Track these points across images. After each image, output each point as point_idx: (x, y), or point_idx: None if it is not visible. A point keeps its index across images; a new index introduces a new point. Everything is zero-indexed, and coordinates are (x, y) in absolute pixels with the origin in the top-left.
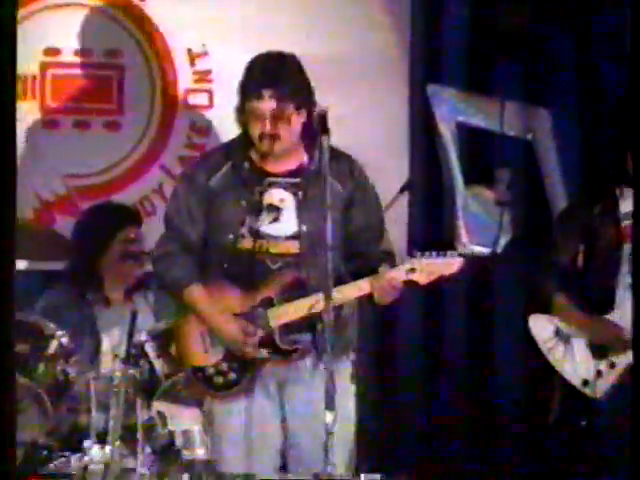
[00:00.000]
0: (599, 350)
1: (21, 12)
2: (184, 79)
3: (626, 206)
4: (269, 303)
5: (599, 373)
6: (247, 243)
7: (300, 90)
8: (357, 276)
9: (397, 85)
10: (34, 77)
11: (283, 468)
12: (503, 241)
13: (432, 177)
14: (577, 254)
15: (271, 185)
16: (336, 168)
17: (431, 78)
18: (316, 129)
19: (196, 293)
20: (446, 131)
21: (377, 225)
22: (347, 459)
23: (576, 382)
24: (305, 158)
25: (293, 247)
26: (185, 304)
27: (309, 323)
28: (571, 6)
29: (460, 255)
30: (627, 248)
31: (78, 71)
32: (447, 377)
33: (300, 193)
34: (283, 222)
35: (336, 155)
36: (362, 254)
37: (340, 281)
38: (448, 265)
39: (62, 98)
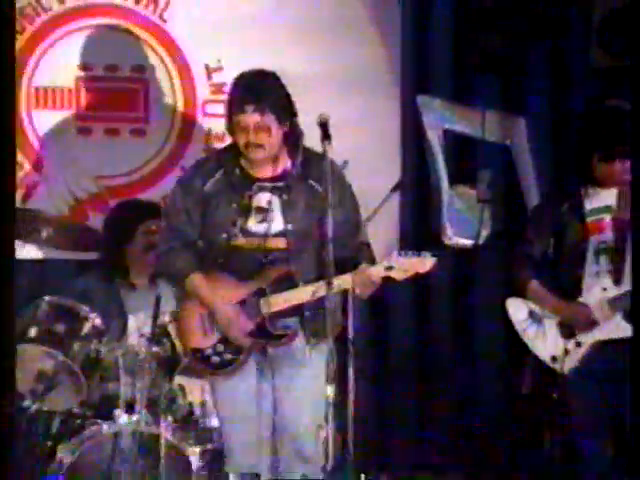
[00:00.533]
0: (567, 331)
1: (57, 32)
2: (202, 91)
3: (590, 204)
4: (262, 293)
5: (566, 351)
6: (239, 241)
7: (280, 103)
8: (338, 264)
9: (390, 96)
10: (70, 90)
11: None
12: (484, 234)
13: (421, 178)
14: (548, 246)
15: (259, 189)
16: (315, 169)
17: (420, 90)
18: (298, 136)
19: (197, 281)
20: (434, 137)
21: (354, 220)
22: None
23: (546, 359)
24: (288, 164)
25: (281, 243)
26: (187, 291)
27: (296, 308)
28: (543, 26)
29: (434, 255)
30: (593, 240)
31: (108, 84)
32: (434, 354)
33: (284, 195)
34: (271, 221)
35: (316, 156)
36: (342, 245)
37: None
38: (422, 263)
39: (94, 108)
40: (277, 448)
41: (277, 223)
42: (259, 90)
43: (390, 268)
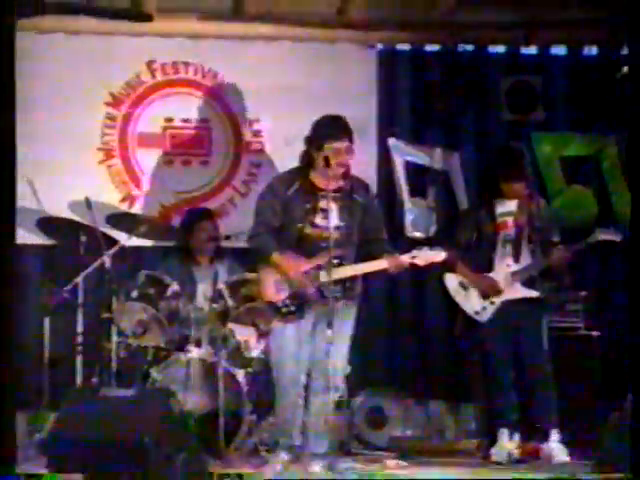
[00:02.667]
0: (484, 294)
1: (151, 97)
2: (246, 134)
3: (498, 210)
4: (320, 268)
5: (484, 307)
6: (308, 231)
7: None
8: (369, 254)
9: (369, 139)
10: (157, 135)
11: (308, 376)
12: (432, 230)
13: (389, 192)
14: (471, 238)
15: (322, 197)
16: (357, 188)
17: (390, 134)
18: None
19: (277, 256)
20: (399, 166)
21: (380, 223)
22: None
23: (471, 313)
24: (341, 183)
25: (336, 234)
26: (270, 263)
27: (340, 280)
28: (471, 93)
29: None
30: (501, 234)
31: (183, 131)
32: (407, 313)
33: (339, 202)
34: (330, 219)
35: (358, 181)
36: (372, 240)
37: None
38: (437, 256)
39: (175, 147)
40: (313, 375)
41: (333, 220)
42: (347, 126)
43: (414, 257)
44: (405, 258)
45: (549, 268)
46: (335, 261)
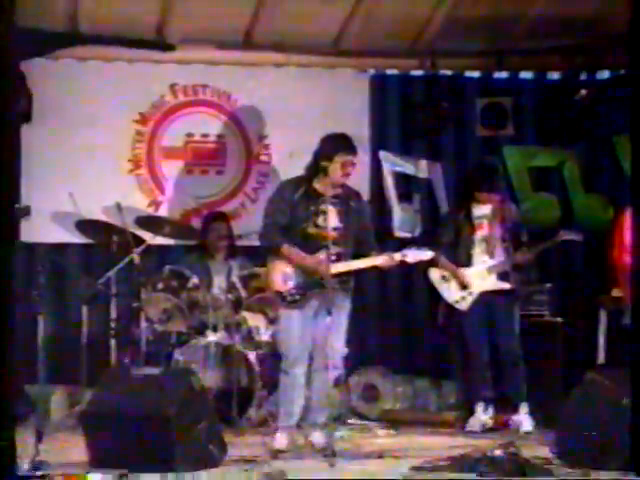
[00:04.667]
0: (462, 286)
1: (175, 115)
2: (256, 148)
3: (475, 213)
4: (320, 262)
5: (463, 297)
6: (311, 230)
7: None
8: (361, 252)
9: (362, 151)
10: (179, 148)
11: (310, 357)
12: (417, 231)
13: (381, 198)
14: (452, 237)
15: (323, 201)
16: (351, 195)
17: (381, 147)
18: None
19: (287, 250)
20: (388, 175)
21: (370, 225)
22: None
23: (451, 301)
24: (339, 190)
25: (334, 234)
26: (280, 255)
27: (339, 274)
28: (451, 111)
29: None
30: (477, 234)
31: (202, 145)
32: (396, 301)
33: (338, 207)
34: (329, 220)
35: (351, 189)
36: (364, 241)
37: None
38: (425, 254)
39: (194, 159)
40: (314, 356)
41: (332, 222)
42: (353, 143)
43: (405, 255)
44: (397, 256)
45: (519, 264)
46: (333, 257)
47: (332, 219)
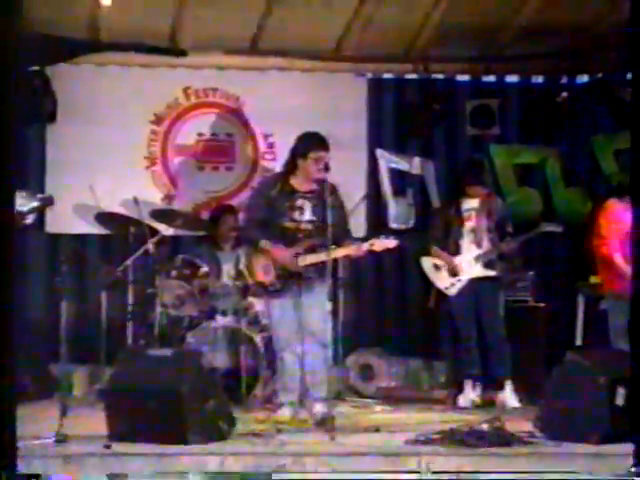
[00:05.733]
0: (452, 272)
1: (187, 116)
2: (262, 146)
3: (464, 206)
4: (298, 255)
5: (453, 284)
6: (287, 224)
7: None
8: (336, 243)
9: (361, 148)
10: (191, 146)
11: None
12: (411, 223)
13: (377, 192)
14: (443, 229)
15: (299, 197)
16: (327, 190)
17: (377, 145)
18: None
19: (265, 244)
20: (384, 172)
21: (344, 218)
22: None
23: (442, 287)
24: (314, 186)
25: (309, 227)
26: (259, 249)
27: (315, 264)
28: (442, 114)
29: (393, 235)
30: (466, 225)
31: (213, 143)
32: (387, 288)
33: (312, 201)
34: (304, 214)
35: (327, 184)
36: (338, 232)
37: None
38: (390, 243)
39: (205, 156)
40: (303, 338)
41: (307, 216)
42: (326, 141)
43: (372, 245)
44: (365, 245)
45: (504, 253)
46: (308, 249)
47: (307, 213)
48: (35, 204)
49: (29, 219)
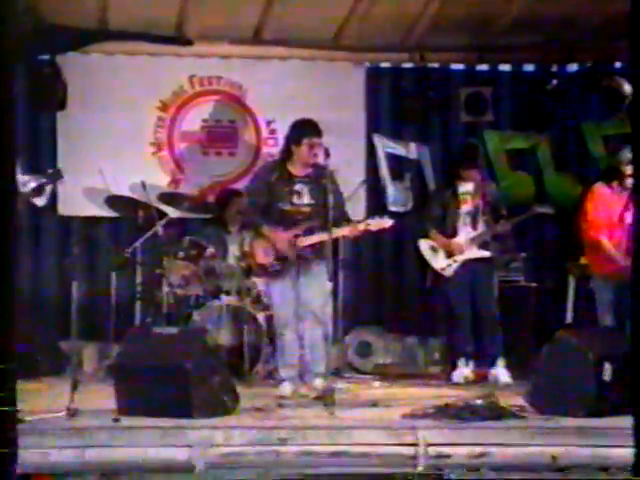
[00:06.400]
0: (448, 254)
1: (192, 103)
2: (264, 132)
3: (460, 190)
4: (297, 236)
5: (449, 265)
6: (287, 208)
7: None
8: (334, 224)
9: (360, 135)
10: (196, 132)
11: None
12: (409, 205)
13: (375, 176)
14: (440, 212)
15: (297, 181)
16: (323, 174)
17: (375, 131)
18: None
19: (265, 229)
20: (382, 156)
21: (341, 200)
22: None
23: (438, 268)
24: (310, 171)
25: (307, 209)
26: (260, 234)
27: (313, 245)
28: (438, 101)
29: (391, 218)
30: (462, 208)
31: (216, 129)
32: (386, 269)
33: (310, 185)
34: (302, 198)
35: (324, 168)
36: (336, 214)
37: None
38: (386, 222)
39: (209, 142)
40: (302, 316)
41: (305, 199)
42: (318, 127)
43: (368, 225)
44: (361, 225)
45: (498, 235)
46: (307, 231)
47: (305, 197)
48: (43, 180)
49: (42, 199)
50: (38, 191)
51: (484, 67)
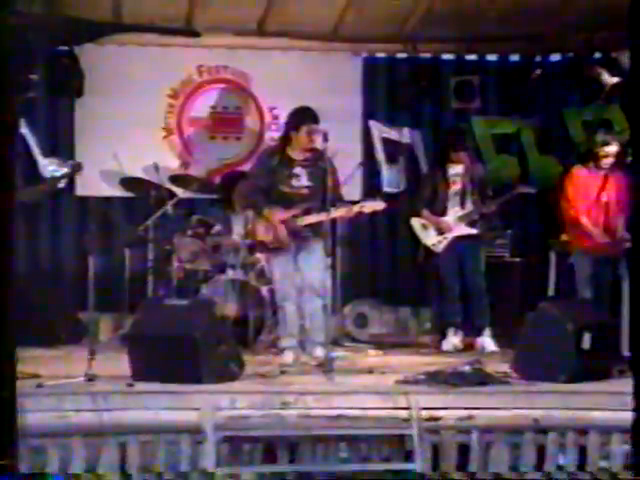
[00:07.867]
0: (439, 231)
1: (200, 90)
2: (267, 118)
3: (450, 172)
4: (296, 216)
5: (439, 241)
6: (287, 190)
7: None
8: (331, 205)
9: (356, 120)
10: (204, 118)
11: (300, 291)
12: (402, 186)
13: (371, 160)
14: (430, 192)
15: (296, 165)
16: (320, 158)
17: (371, 117)
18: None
19: (267, 210)
20: (377, 140)
21: (337, 183)
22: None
23: (429, 244)
24: (309, 155)
25: (306, 192)
26: (262, 215)
27: (311, 224)
28: (430, 88)
29: (384, 200)
30: (451, 189)
31: (223, 115)
32: (378, 247)
33: (308, 169)
34: (301, 180)
35: (321, 152)
36: (331, 196)
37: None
38: (379, 205)
39: (217, 126)
40: (302, 289)
41: (304, 182)
42: (316, 114)
43: (362, 207)
44: (356, 207)
45: (485, 213)
46: (305, 211)
47: (303, 180)
48: (66, 170)
49: (61, 184)
50: (60, 179)
51: (472, 57)
